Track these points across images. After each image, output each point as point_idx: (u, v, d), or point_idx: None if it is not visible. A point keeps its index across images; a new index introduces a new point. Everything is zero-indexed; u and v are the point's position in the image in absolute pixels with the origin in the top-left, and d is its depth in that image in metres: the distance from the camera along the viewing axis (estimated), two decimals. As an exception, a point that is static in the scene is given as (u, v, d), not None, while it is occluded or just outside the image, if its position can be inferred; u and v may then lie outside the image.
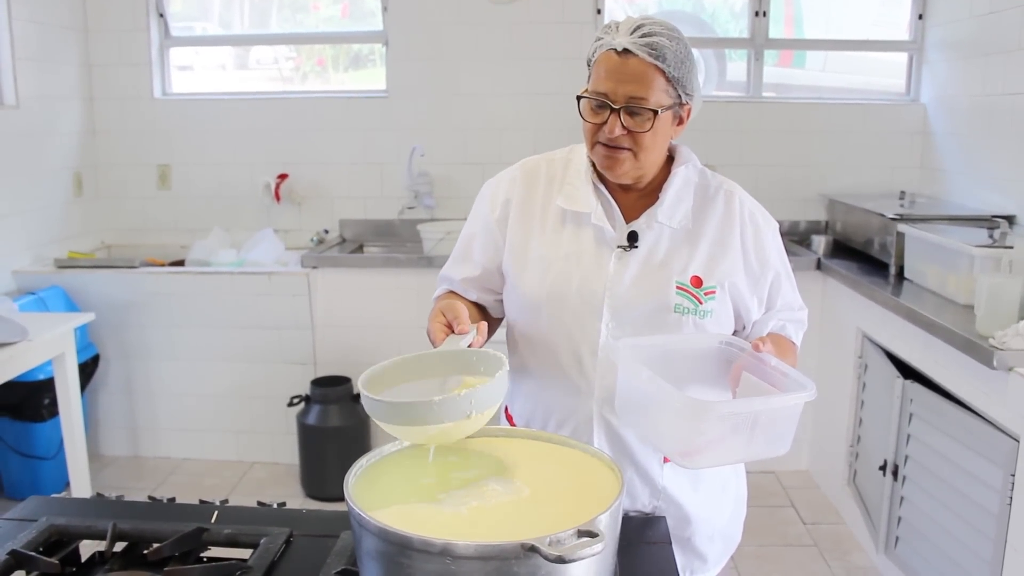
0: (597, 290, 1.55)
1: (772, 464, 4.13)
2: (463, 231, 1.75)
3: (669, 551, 1.45)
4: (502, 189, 1.67)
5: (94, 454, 4.07)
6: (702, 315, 1.54)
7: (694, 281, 1.54)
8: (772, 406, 1.38)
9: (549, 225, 1.61)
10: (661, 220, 1.56)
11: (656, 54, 1.45)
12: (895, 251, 3.44)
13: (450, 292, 1.73)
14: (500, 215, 1.65)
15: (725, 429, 1.33)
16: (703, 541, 1.68)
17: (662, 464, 1.61)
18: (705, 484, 1.66)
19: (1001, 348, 2.36)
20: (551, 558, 0.99)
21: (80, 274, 4.04)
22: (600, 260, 1.56)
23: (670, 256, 1.56)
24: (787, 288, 1.66)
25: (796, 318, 1.70)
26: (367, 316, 4.03)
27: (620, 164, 1.52)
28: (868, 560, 3.34)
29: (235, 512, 1.56)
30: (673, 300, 1.53)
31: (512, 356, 1.68)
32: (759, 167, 4.37)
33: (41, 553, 1.37)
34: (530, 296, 1.60)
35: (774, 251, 1.63)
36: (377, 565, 1.09)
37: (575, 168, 1.63)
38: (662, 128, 1.50)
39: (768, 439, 1.37)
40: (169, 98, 4.62)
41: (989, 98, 3.69)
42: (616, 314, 1.54)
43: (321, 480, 3.90)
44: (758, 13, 4.42)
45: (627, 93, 1.46)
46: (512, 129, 4.38)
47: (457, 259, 1.73)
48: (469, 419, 1.24)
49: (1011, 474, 2.34)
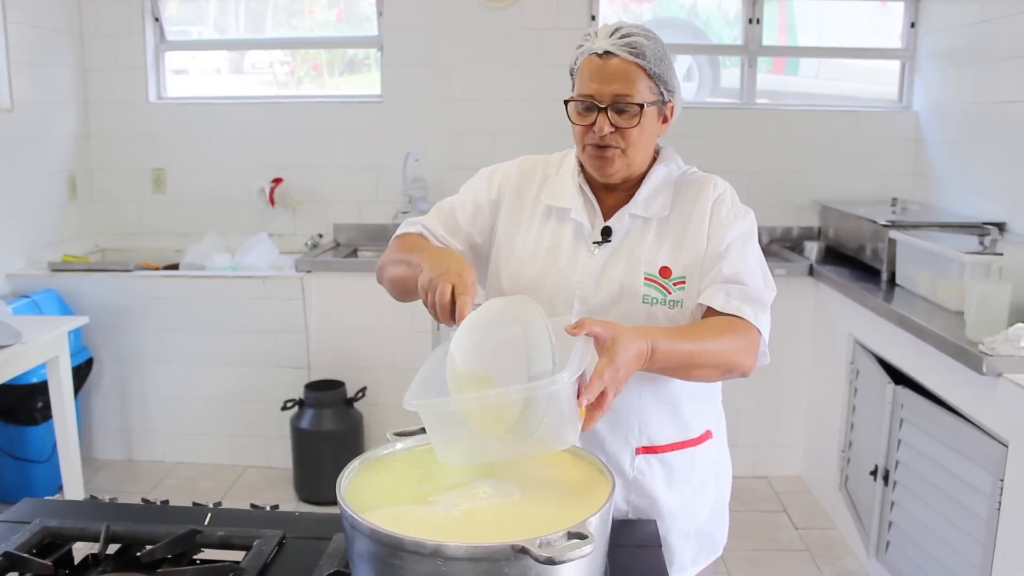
0: (569, 284, 1.59)
1: (764, 469, 4.14)
2: (447, 199, 1.76)
3: (659, 554, 1.46)
4: (500, 175, 1.74)
5: (87, 458, 4.06)
6: (671, 305, 1.56)
7: (663, 271, 1.56)
8: (498, 400, 1.20)
9: (535, 221, 1.67)
10: (635, 212, 1.60)
11: (636, 52, 1.50)
12: (887, 257, 3.46)
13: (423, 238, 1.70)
14: (496, 197, 1.71)
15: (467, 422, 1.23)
16: (678, 539, 1.68)
17: (634, 455, 1.62)
18: (681, 481, 1.66)
19: (991, 354, 2.38)
20: (541, 560, 1.00)
21: (74, 277, 4.04)
22: (575, 254, 1.61)
23: (641, 248, 1.59)
24: (737, 264, 1.54)
25: (752, 297, 1.52)
26: (361, 320, 4.04)
27: (610, 163, 1.56)
28: (859, 565, 3.35)
29: (228, 515, 1.57)
30: (641, 291, 1.56)
31: None
32: (752, 173, 4.38)
33: (34, 555, 1.37)
34: (510, 287, 1.64)
35: (731, 229, 1.57)
36: (369, 567, 1.10)
37: (565, 168, 1.70)
38: (648, 125, 1.55)
39: (532, 432, 1.21)
40: (164, 102, 4.63)
41: (980, 106, 3.72)
42: (585, 304, 1.58)
43: (314, 484, 3.90)
44: (751, 20, 4.44)
45: (612, 92, 1.51)
46: (506, 134, 4.39)
47: (439, 220, 1.73)
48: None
49: (1000, 479, 2.35)
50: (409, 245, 1.64)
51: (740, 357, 1.47)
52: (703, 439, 1.68)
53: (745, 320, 1.50)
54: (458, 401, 1.23)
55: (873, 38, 4.56)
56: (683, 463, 1.66)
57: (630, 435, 1.61)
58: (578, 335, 1.27)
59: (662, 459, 1.64)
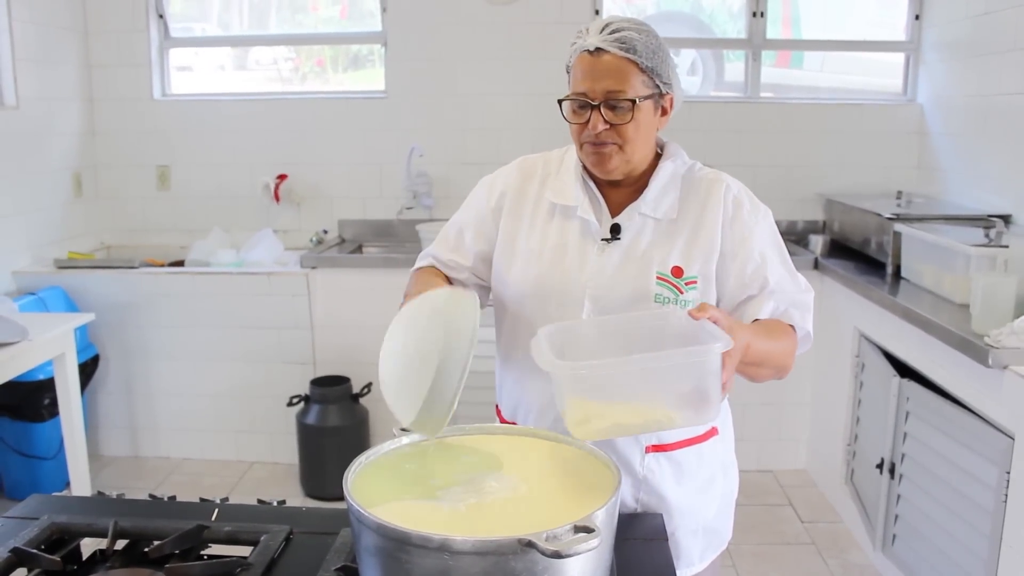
0: (580, 281, 1.58)
1: (770, 463, 4.14)
2: (453, 218, 1.78)
3: (665, 547, 1.47)
4: (499, 181, 1.73)
5: (94, 454, 4.07)
6: (684, 305, 1.55)
7: (675, 271, 1.56)
8: (663, 364, 1.21)
9: (539, 219, 1.66)
10: (645, 212, 1.60)
11: (627, 47, 1.49)
12: (892, 250, 3.45)
13: (434, 268, 1.75)
14: (496, 205, 1.70)
15: (616, 393, 1.26)
16: (686, 535, 1.68)
17: (643, 454, 1.63)
18: (689, 477, 1.66)
19: (996, 347, 2.38)
20: (548, 553, 1.00)
21: (80, 274, 4.05)
22: (584, 252, 1.60)
23: (652, 247, 1.58)
24: (778, 270, 1.59)
25: (798, 301, 1.59)
26: (366, 316, 4.03)
27: (608, 160, 1.56)
28: (865, 558, 3.35)
29: (235, 510, 1.57)
30: (653, 290, 1.56)
31: (498, 345, 1.74)
32: (757, 167, 4.38)
33: (43, 551, 1.38)
34: (516, 287, 1.64)
35: (758, 233, 1.59)
36: (376, 561, 1.10)
37: (567, 165, 1.68)
38: (644, 119, 1.54)
39: (679, 404, 1.26)
40: (169, 99, 4.63)
41: (985, 98, 3.71)
42: (597, 304, 1.57)
43: (320, 479, 3.91)
44: (756, 14, 4.43)
45: (604, 88, 1.51)
46: (511, 129, 4.39)
47: (446, 245, 1.76)
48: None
49: (1006, 471, 2.35)
50: (415, 280, 1.70)
51: (790, 359, 1.54)
52: (710, 435, 1.69)
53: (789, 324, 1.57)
54: (616, 364, 1.23)
55: (877, 31, 4.55)
56: (691, 460, 1.66)
57: (640, 434, 1.61)
58: (702, 318, 1.28)
59: (670, 457, 1.64)
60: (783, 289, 1.58)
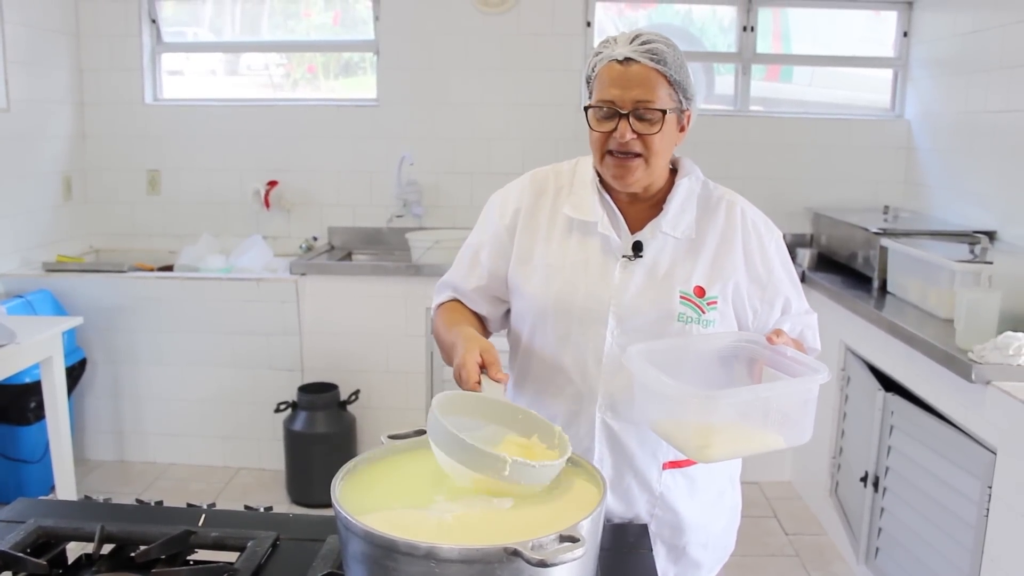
0: (603, 298, 1.58)
1: (755, 475, 4.15)
2: (468, 240, 1.77)
3: (650, 558, 1.47)
4: (512, 198, 1.71)
5: (80, 458, 4.05)
6: (705, 324, 1.57)
7: (697, 291, 1.57)
8: (779, 392, 1.40)
9: (556, 234, 1.64)
10: (665, 230, 1.60)
11: (657, 59, 1.50)
12: (878, 265, 3.48)
13: (456, 301, 1.75)
14: (510, 223, 1.68)
15: (735, 419, 1.36)
16: (697, 549, 1.70)
17: (661, 471, 1.64)
18: (701, 492, 1.68)
19: (980, 362, 2.40)
20: (533, 562, 1.01)
21: (68, 278, 4.04)
22: (606, 269, 1.59)
23: (674, 266, 1.59)
24: (791, 292, 1.68)
25: (810, 323, 1.71)
26: (355, 323, 4.05)
27: (631, 172, 1.55)
28: (849, 570, 3.37)
29: (222, 516, 1.58)
30: (677, 309, 1.56)
31: (513, 362, 1.72)
32: (745, 180, 4.38)
33: (29, 554, 1.38)
34: (536, 303, 1.62)
35: (778, 259, 1.67)
36: (363, 568, 1.11)
37: (581, 178, 1.67)
38: (669, 132, 1.55)
39: (783, 427, 1.39)
40: (160, 103, 4.63)
41: (972, 115, 3.75)
42: (621, 322, 1.57)
43: (307, 486, 3.91)
44: (746, 28, 4.47)
45: (634, 97, 1.50)
46: (501, 139, 4.40)
47: (464, 268, 1.74)
48: (510, 483, 1.22)
49: (988, 486, 2.37)
50: (446, 320, 1.68)
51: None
52: None
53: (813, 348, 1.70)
54: (747, 392, 1.39)
55: (866, 47, 4.59)
56: (703, 475, 1.68)
57: (658, 451, 1.62)
58: (778, 343, 1.47)
59: (685, 473, 1.66)
60: (797, 311, 1.67)
